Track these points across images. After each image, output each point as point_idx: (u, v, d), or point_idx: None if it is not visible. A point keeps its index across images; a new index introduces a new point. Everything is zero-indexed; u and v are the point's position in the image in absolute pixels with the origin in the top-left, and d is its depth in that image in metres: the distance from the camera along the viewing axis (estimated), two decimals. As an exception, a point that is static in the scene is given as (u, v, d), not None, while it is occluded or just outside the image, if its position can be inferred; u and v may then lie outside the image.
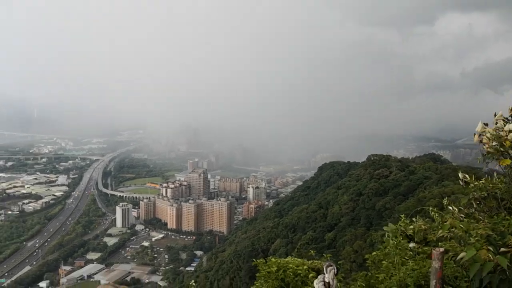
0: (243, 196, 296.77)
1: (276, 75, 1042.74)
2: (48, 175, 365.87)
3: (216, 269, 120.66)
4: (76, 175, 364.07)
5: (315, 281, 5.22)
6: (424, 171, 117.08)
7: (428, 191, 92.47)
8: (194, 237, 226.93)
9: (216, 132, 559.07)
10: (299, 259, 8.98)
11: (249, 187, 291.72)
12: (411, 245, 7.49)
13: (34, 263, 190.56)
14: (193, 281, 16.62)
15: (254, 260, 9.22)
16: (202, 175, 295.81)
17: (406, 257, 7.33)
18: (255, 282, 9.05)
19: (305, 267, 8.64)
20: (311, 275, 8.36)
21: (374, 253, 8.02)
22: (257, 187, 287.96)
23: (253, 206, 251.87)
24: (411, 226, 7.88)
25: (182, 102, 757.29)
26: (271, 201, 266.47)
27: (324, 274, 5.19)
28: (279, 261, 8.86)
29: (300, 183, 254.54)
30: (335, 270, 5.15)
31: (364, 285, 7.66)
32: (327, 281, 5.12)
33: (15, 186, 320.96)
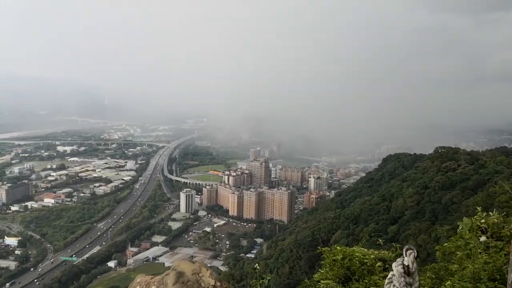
0: (304, 186, 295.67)
1: (341, 63, 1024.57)
2: (118, 160, 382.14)
3: (276, 257, 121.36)
4: (144, 161, 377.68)
5: (394, 264, 5.09)
6: (495, 165, 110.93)
7: (499, 186, 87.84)
8: (254, 225, 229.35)
9: (278, 122, 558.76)
10: (364, 249, 8.84)
11: (310, 177, 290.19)
12: (482, 239, 7.20)
13: (104, 243, 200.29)
14: (257, 264, 16.83)
15: (319, 248, 9.18)
16: (263, 164, 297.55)
17: (480, 250, 7.03)
18: (319, 269, 8.98)
19: (372, 256, 8.50)
20: (378, 264, 8.21)
21: (445, 244, 7.74)
22: (318, 177, 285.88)
23: (314, 196, 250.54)
24: (483, 220, 7.55)
25: (245, 92, 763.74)
26: (332, 191, 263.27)
27: (403, 257, 5.06)
28: (344, 249, 8.77)
29: (363, 174, 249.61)
30: (415, 253, 5.07)
31: (433, 276, 7.42)
32: (406, 264, 5.01)
33: (87, 170, 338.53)
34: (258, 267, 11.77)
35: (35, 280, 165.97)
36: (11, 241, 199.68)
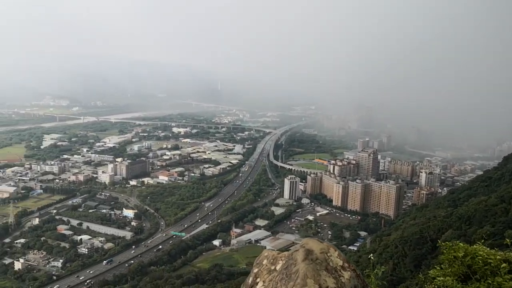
0: (414, 181, 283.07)
1: (462, 51, 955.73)
2: (226, 144, 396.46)
3: (380, 252, 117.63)
4: (251, 146, 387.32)
5: None
6: None
7: None
8: (358, 217, 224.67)
9: (390, 112, 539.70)
10: (487, 248, 7.84)
11: (421, 172, 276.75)
12: None
13: (210, 222, 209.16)
14: (371, 255, 16.29)
15: (439, 242, 8.37)
16: (372, 155, 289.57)
17: None
18: (435, 266, 8.16)
19: (497, 257, 7.50)
20: (503, 265, 7.20)
21: None
22: (430, 173, 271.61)
23: (424, 192, 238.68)
24: None
25: (356, 80, 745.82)
26: (445, 189, 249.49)
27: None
28: (466, 247, 7.86)
29: (480, 172, 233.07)
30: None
31: None
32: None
33: (198, 151, 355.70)
34: (372, 257, 11.35)
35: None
36: (129, 213, 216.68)
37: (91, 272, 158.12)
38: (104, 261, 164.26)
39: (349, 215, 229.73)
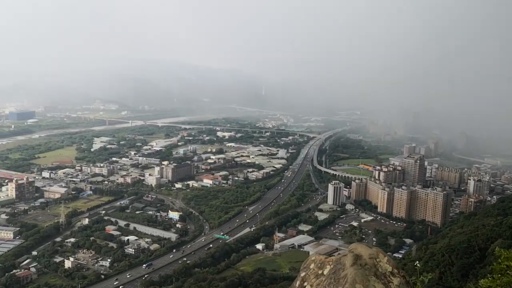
0: (462, 188, 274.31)
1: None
2: (270, 148, 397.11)
3: (426, 260, 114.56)
4: (294, 150, 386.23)
5: None
6: None
7: None
8: (404, 224, 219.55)
9: (437, 118, 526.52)
10: None
11: (470, 179, 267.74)
12: None
13: (253, 226, 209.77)
14: (417, 262, 16.06)
15: (498, 248, 8.15)
16: (418, 161, 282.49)
17: None
18: (488, 275, 7.96)
19: None
20: None
21: None
22: (479, 180, 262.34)
23: (472, 200, 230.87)
24: None
25: (403, 86, 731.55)
26: (494, 197, 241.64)
27: None
28: None
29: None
30: None
31: None
32: None
33: (242, 156, 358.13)
34: (418, 265, 11.20)
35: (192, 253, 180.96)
36: (174, 215, 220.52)
37: (128, 275, 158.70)
38: (144, 265, 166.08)
39: (394, 222, 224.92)
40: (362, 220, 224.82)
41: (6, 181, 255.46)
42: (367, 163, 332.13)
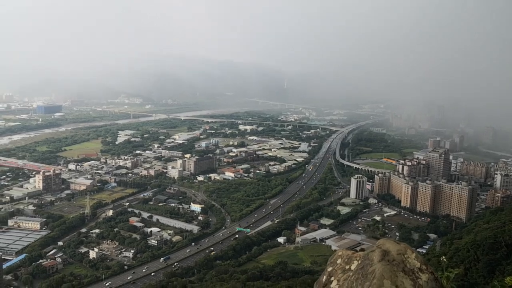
0: (488, 183, 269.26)
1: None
2: (292, 142, 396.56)
3: (450, 256, 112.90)
4: (316, 144, 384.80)
5: None
6: None
7: None
8: (428, 219, 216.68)
9: (463, 111, 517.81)
10: None
11: (496, 174, 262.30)
12: None
13: (275, 219, 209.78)
14: (443, 257, 15.80)
15: None
16: (443, 155, 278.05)
17: None
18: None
19: None
20: None
21: None
22: (506, 175, 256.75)
23: (499, 195, 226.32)
24: None
25: (427, 78, 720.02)
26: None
27: None
28: None
29: None
30: None
31: None
32: None
33: (263, 149, 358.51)
34: (444, 260, 10.99)
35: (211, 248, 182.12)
36: (196, 207, 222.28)
37: (144, 270, 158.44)
38: (161, 258, 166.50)
39: (418, 217, 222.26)
40: (385, 215, 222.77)
41: (34, 173, 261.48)
42: (390, 157, 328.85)
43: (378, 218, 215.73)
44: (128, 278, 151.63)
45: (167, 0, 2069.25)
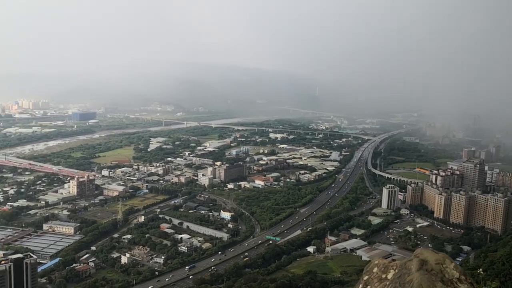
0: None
1: None
2: (323, 150, 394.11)
3: (484, 269, 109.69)
4: (348, 153, 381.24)
5: None
6: None
7: None
8: (462, 231, 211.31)
9: (500, 121, 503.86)
10: None
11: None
12: None
13: (305, 228, 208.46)
14: (480, 269, 15.56)
15: None
16: (478, 166, 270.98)
17: None
18: None
19: None
20: None
21: None
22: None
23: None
24: None
25: (463, 87, 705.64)
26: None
27: None
28: None
29: None
30: None
31: None
32: None
33: (294, 157, 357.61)
34: (482, 272, 10.81)
35: (243, 255, 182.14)
36: (226, 215, 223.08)
37: (171, 276, 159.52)
38: (187, 267, 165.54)
39: (451, 228, 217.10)
40: (418, 226, 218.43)
41: (68, 178, 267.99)
42: (423, 167, 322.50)
43: (410, 229, 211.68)
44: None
45: (197, 8, 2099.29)
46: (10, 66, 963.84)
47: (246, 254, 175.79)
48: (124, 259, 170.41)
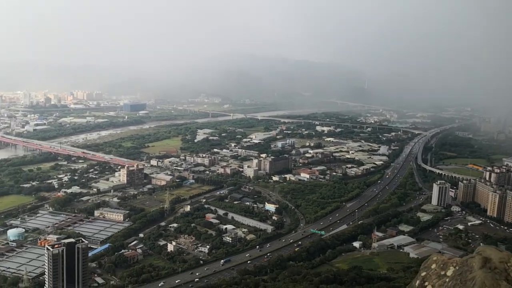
0: None
1: None
2: (371, 144, 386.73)
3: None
4: (397, 147, 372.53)
5: None
6: None
7: None
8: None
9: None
10: None
11: None
12: None
13: (351, 223, 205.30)
14: None
15: None
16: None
17: None
18: None
19: None
20: None
21: None
22: None
23: None
24: None
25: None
26: None
27: None
28: None
29: None
30: None
31: None
32: None
33: (341, 151, 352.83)
34: None
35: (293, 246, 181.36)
36: (270, 207, 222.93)
37: (205, 269, 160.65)
38: (222, 260, 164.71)
39: (505, 228, 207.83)
40: (469, 224, 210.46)
41: (119, 167, 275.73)
42: (476, 163, 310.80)
43: (461, 227, 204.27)
44: (176, 281, 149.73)
45: (248, 4, 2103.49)
46: (67, 59, 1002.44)
47: (300, 243, 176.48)
48: (170, 247, 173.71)
